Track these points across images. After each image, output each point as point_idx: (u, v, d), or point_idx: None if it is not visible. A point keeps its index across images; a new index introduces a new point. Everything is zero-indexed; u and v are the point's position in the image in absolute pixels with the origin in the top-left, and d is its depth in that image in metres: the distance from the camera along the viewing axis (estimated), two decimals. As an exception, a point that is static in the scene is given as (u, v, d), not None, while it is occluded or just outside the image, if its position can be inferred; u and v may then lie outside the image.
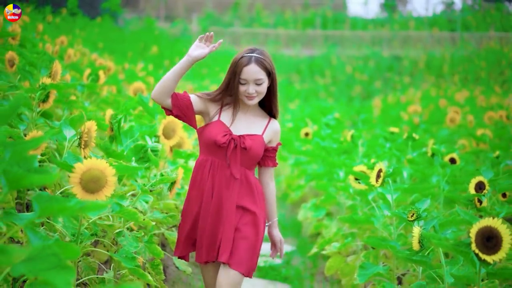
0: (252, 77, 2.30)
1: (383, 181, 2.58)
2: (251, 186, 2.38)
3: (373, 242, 2.49)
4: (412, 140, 3.97)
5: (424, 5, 45.84)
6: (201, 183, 2.38)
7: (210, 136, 2.35)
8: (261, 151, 2.40)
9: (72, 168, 1.99)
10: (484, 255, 1.66)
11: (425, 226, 2.12)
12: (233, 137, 2.34)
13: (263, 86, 2.34)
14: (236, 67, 2.33)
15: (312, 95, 15.83)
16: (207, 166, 2.37)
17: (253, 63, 2.31)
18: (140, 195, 2.50)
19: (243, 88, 2.34)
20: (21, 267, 1.32)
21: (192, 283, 3.58)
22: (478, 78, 16.38)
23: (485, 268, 1.74)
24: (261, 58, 2.33)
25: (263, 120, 2.44)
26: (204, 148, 2.41)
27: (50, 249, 1.38)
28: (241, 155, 2.34)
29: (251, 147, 2.34)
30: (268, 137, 2.44)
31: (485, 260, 1.66)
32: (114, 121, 2.73)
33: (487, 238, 1.66)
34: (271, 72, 2.36)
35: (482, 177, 2.57)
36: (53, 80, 3.12)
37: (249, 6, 24.33)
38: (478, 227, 1.67)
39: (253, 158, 2.38)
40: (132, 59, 11.21)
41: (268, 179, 2.49)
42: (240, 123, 2.40)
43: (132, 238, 2.30)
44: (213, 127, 2.37)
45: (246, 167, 2.38)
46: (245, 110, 2.43)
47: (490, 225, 1.66)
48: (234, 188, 2.34)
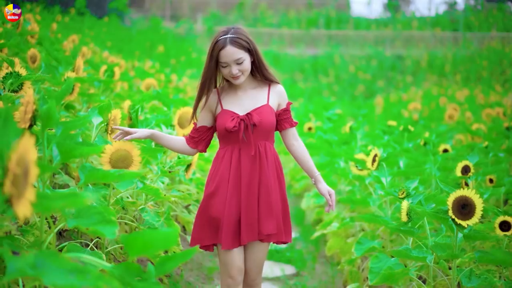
0: (231, 59, 2.30)
1: (378, 164, 2.86)
2: (273, 158, 2.38)
3: (367, 219, 2.77)
4: (407, 132, 4.25)
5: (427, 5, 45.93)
6: (224, 172, 2.36)
7: (220, 127, 2.37)
8: (273, 119, 2.38)
9: (103, 149, 2.28)
10: (459, 220, 1.93)
11: (412, 201, 2.39)
12: (241, 117, 2.34)
13: (245, 63, 2.33)
14: (213, 51, 2.33)
15: (316, 93, 16.07)
16: (227, 155, 2.37)
17: (228, 45, 2.30)
18: (159, 176, 2.79)
19: (226, 70, 2.34)
20: (73, 221, 1.62)
21: (203, 263, 3.86)
22: (479, 78, 16.59)
23: (461, 232, 2.01)
24: (236, 37, 2.31)
25: (264, 89, 2.43)
26: (220, 140, 2.43)
27: (95, 209, 1.67)
28: (254, 131, 2.34)
29: (260, 121, 2.34)
30: (275, 102, 2.43)
31: (460, 225, 1.94)
32: (132, 111, 3.02)
33: (462, 205, 1.93)
34: (249, 48, 2.35)
35: (467, 161, 2.85)
36: (77, 74, 3.41)
37: (253, 6, 24.58)
38: (455, 197, 1.95)
39: (268, 129, 2.37)
40: (139, 57, 11.48)
41: (292, 140, 2.46)
42: (243, 101, 2.40)
43: (154, 213, 2.58)
44: (220, 117, 2.39)
45: (265, 139, 2.38)
46: (243, 87, 2.42)
47: (465, 195, 1.94)
48: (259, 164, 2.34)
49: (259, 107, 2.37)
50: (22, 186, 1.06)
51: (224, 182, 2.36)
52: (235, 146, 2.37)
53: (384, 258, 2.48)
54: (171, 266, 1.45)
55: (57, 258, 1.13)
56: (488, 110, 7.98)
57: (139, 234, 1.38)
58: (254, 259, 2.41)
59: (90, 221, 1.63)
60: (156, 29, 18.25)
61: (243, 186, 2.34)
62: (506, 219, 2.45)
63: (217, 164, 2.40)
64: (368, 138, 4.74)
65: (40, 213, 1.19)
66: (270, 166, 2.37)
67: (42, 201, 1.14)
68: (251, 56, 2.37)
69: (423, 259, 2.15)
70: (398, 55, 19.91)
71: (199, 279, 3.59)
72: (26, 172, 1.08)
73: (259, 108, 2.37)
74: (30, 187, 1.09)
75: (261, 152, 2.36)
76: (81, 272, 1.13)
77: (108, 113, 2.67)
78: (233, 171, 2.35)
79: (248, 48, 2.35)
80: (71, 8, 13.39)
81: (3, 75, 2.63)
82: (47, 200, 1.16)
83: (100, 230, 1.58)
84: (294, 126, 2.47)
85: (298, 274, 3.95)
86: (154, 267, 1.42)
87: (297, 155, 2.48)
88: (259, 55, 2.39)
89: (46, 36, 5.61)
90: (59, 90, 1.94)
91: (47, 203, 1.16)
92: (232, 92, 2.43)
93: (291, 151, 2.50)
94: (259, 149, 2.36)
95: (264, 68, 2.41)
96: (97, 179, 1.78)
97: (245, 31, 2.37)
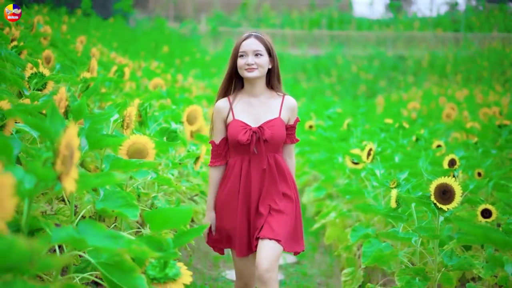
0: (251, 48, 2.33)
1: (372, 158, 3.10)
2: (283, 170, 2.39)
3: (361, 208, 3.01)
4: (403, 129, 4.48)
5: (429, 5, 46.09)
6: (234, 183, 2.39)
7: (232, 137, 2.38)
8: (283, 133, 2.39)
9: (121, 142, 2.52)
10: (440, 204, 2.17)
11: (401, 189, 2.63)
12: (254, 130, 2.35)
13: (262, 58, 2.34)
14: (236, 45, 2.40)
15: (318, 93, 16.30)
16: (237, 166, 2.39)
17: (252, 37, 2.37)
18: (170, 169, 3.03)
19: (242, 61, 2.35)
20: (101, 204, 1.86)
21: (210, 252, 4.10)
22: (480, 78, 16.78)
23: (442, 215, 2.24)
24: (260, 35, 2.39)
25: (277, 100, 2.43)
26: (232, 149, 2.44)
27: (120, 193, 1.91)
28: (265, 145, 2.36)
29: (272, 136, 2.35)
30: (286, 116, 2.43)
31: (441, 208, 2.17)
32: (141, 108, 3.27)
33: (443, 192, 2.17)
34: (270, 49, 2.38)
35: (454, 154, 3.08)
36: (91, 74, 3.66)
37: (257, 7, 24.80)
38: (436, 184, 2.18)
39: (278, 143, 2.39)
40: (144, 58, 11.72)
41: (286, 156, 2.47)
42: (255, 109, 2.40)
43: (166, 201, 2.82)
44: (231, 127, 2.38)
45: (274, 151, 2.40)
46: (256, 95, 2.42)
47: (446, 182, 2.17)
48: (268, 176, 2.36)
49: (271, 120, 2.38)
50: (69, 165, 1.30)
51: (234, 194, 2.39)
52: (245, 157, 2.39)
53: (376, 243, 2.71)
54: (186, 239, 1.68)
55: (96, 226, 1.37)
56: (485, 109, 8.19)
57: (160, 210, 1.62)
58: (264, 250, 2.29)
59: (115, 204, 1.87)
60: (160, 29, 18.50)
61: (253, 200, 2.36)
62: (487, 207, 2.70)
63: (228, 173, 2.43)
64: (366, 136, 4.97)
65: (80, 189, 1.42)
66: (280, 178, 2.38)
67: (83, 179, 1.38)
68: (270, 60, 2.40)
69: (409, 239, 2.39)
70: (400, 56, 20.14)
71: (206, 266, 3.83)
72: (72, 154, 1.31)
73: (271, 121, 2.38)
74: (74, 167, 1.33)
75: (270, 164, 2.37)
76: (115, 237, 1.37)
77: (124, 110, 2.92)
78: (243, 183, 2.38)
79: (269, 50, 2.38)
80: (77, 9, 13.63)
81: (27, 75, 2.88)
82: (87, 178, 1.40)
83: (124, 212, 1.82)
84: (294, 143, 2.49)
85: (298, 262, 4.19)
86: (172, 239, 1.67)
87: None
88: (277, 64, 2.43)
89: (58, 37, 5.86)
90: (89, 88, 2.18)
91: (87, 180, 1.40)
92: (245, 100, 2.43)
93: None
94: (269, 162, 2.37)
95: (278, 79, 2.44)
96: (120, 167, 2.02)
97: (269, 38, 2.43)
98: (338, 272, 3.84)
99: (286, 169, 2.42)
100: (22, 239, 0.89)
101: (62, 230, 1.39)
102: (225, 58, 14.90)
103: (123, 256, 1.53)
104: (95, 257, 1.53)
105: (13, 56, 3.24)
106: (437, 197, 2.17)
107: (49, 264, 1.05)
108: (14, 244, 0.88)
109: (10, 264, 0.93)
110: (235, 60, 2.40)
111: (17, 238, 0.88)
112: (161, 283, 1.69)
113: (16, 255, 0.89)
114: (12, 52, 3.35)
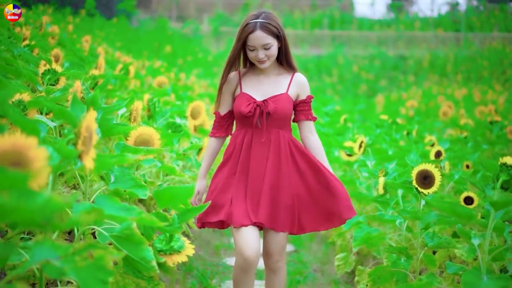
0: (259, 43, 2.32)
1: (364, 149, 3.30)
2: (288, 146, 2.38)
3: (353, 196, 3.21)
4: (396, 124, 4.69)
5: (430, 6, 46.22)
6: (235, 153, 2.40)
7: (236, 109, 2.40)
8: (289, 109, 2.39)
9: (130, 130, 2.73)
10: (421, 189, 2.37)
11: (388, 177, 2.83)
12: (257, 103, 2.36)
13: (272, 49, 2.35)
14: (242, 33, 2.36)
15: (319, 93, 16.50)
16: (240, 138, 2.41)
17: (258, 30, 2.31)
18: (174, 160, 3.24)
19: (252, 54, 2.36)
20: (113, 185, 2.07)
21: (211, 241, 4.31)
22: (480, 77, 16.94)
23: (423, 199, 2.44)
24: (266, 22, 2.32)
25: (286, 77, 2.44)
26: (237, 122, 2.47)
27: (130, 176, 2.12)
28: (268, 119, 2.36)
29: (275, 110, 2.35)
30: (295, 92, 2.43)
31: (422, 192, 2.37)
32: (151, 103, 3.48)
33: (424, 177, 2.36)
34: (278, 34, 2.35)
35: (439, 146, 3.28)
36: (99, 71, 3.87)
37: (258, 7, 24.90)
38: (418, 170, 2.38)
39: (282, 118, 2.38)
40: (148, 57, 11.93)
41: (307, 133, 2.45)
42: (263, 86, 2.42)
43: (170, 189, 3.03)
44: (237, 100, 2.41)
45: (279, 127, 2.39)
46: (266, 72, 2.43)
47: (426, 168, 2.37)
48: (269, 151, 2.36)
49: (277, 95, 2.39)
50: (88, 146, 1.51)
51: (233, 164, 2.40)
52: (248, 130, 2.40)
53: (366, 227, 2.91)
54: (189, 216, 1.89)
55: (111, 199, 1.57)
56: (482, 107, 8.38)
57: (167, 188, 1.83)
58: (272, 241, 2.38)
59: (126, 185, 2.08)
60: (163, 29, 18.72)
61: (251, 171, 2.36)
62: (469, 194, 2.90)
63: (230, 144, 2.45)
64: (362, 131, 5.17)
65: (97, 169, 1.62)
66: (283, 154, 2.36)
67: (101, 158, 1.59)
68: (279, 42, 2.38)
69: (393, 221, 2.59)
70: (401, 55, 20.32)
71: (207, 254, 4.04)
72: (91, 136, 1.52)
73: (277, 96, 2.38)
74: (92, 148, 1.53)
75: (272, 140, 2.36)
76: (128, 209, 1.57)
77: (131, 104, 3.13)
78: (243, 154, 2.38)
79: (277, 34, 2.35)
80: (81, 9, 13.84)
81: (41, 71, 3.09)
82: (104, 158, 1.61)
83: (135, 192, 2.03)
84: (310, 120, 2.46)
85: (296, 251, 4.39)
86: (177, 216, 1.87)
87: (311, 149, 2.44)
88: (287, 42, 2.41)
89: (65, 37, 6.07)
90: (102, 83, 2.39)
91: (104, 160, 1.61)
92: (254, 76, 2.45)
93: (305, 144, 2.46)
94: (271, 137, 2.37)
95: (289, 55, 2.43)
96: (130, 153, 2.22)
97: (276, 17, 2.38)
98: (332, 259, 4.04)
99: (294, 145, 2.39)
100: (57, 195, 1.09)
101: (82, 204, 1.60)
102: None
103: (133, 230, 1.74)
104: (108, 231, 1.74)
105: (27, 54, 3.46)
106: (419, 182, 2.37)
107: (78, 221, 1.25)
108: (51, 199, 1.08)
109: (46, 218, 1.13)
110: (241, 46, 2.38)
111: (53, 194, 1.08)
112: (167, 254, 1.90)
113: (52, 209, 1.09)
114: (26, 50, 3.57)
